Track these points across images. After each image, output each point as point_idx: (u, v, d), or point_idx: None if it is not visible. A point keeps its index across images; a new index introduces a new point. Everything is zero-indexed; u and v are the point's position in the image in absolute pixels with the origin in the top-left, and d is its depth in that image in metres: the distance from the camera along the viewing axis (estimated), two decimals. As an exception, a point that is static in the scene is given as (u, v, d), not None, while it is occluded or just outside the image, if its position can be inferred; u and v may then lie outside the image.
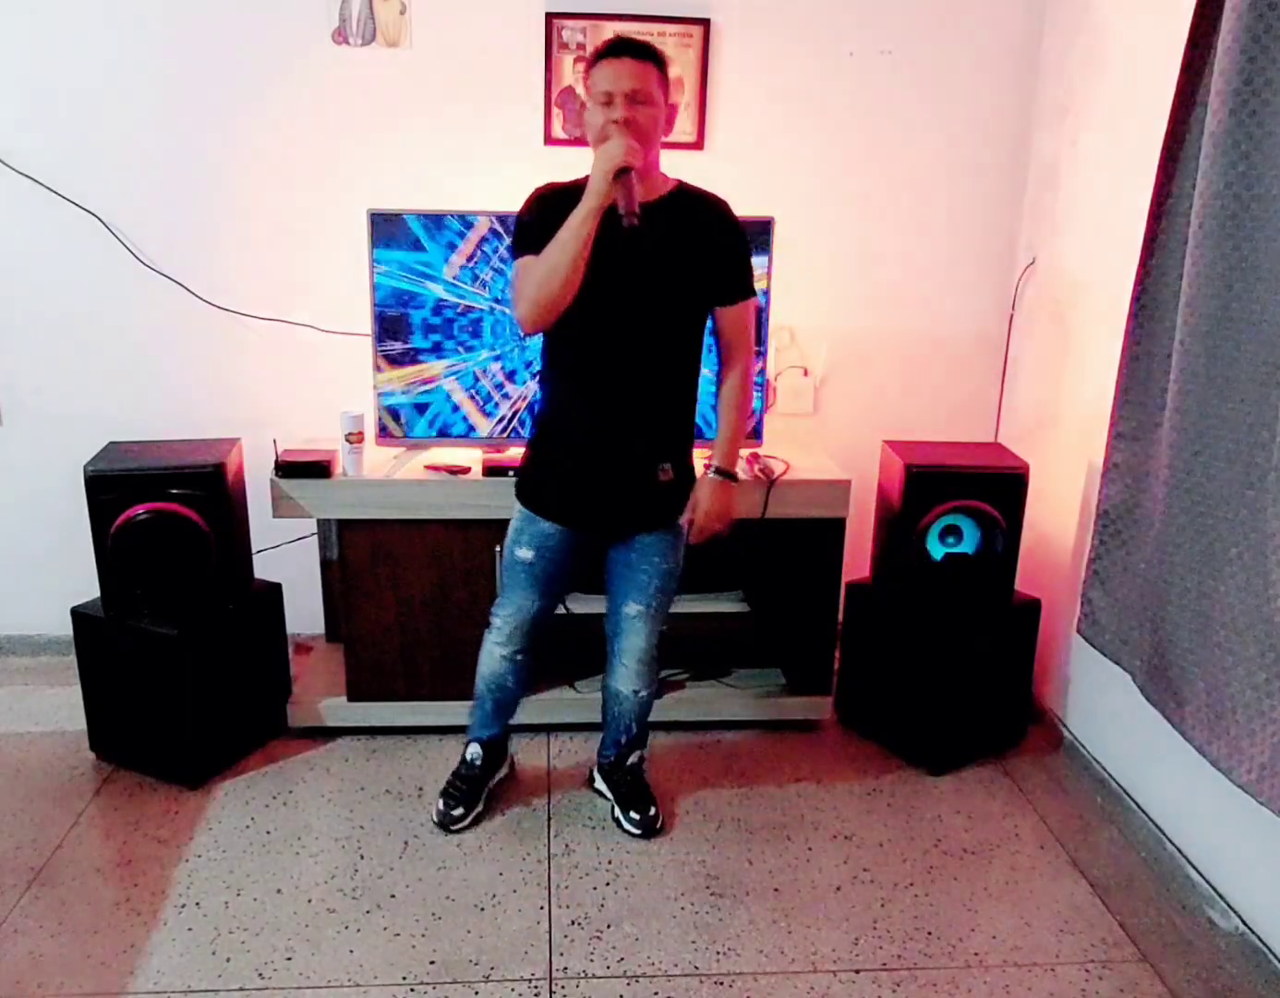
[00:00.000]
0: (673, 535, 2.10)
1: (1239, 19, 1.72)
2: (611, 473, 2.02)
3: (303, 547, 2.87)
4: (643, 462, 2.02)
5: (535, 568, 2.11)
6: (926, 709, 2.51)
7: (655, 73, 1.88)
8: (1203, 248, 1.82)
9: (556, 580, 2.15)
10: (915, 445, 2.60)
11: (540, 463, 2.09)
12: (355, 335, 2.75)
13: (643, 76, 1.86)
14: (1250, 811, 1.81)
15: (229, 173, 2.71)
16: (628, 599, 2.13)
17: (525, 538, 2.10)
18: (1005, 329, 2.97)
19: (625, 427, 2.00)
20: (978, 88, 2.80)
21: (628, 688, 2.20)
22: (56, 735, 2.60)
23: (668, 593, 2.15)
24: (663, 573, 2.11)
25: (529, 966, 1.89)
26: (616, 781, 2.33)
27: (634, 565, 2.10)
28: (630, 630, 2.15)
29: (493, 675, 2.23)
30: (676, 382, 2.04)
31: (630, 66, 1.85)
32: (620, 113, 1.84)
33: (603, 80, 1.86)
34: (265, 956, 1.89)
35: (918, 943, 1.97)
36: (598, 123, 1.86)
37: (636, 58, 1.86)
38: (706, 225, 1.97)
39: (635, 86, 1.85)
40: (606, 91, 1.85)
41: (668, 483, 2.04)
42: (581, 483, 2.04)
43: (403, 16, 2.64)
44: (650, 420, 2.02)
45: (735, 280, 2.00)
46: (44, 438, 2.83)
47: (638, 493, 2.04)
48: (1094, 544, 2.23)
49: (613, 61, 1.86)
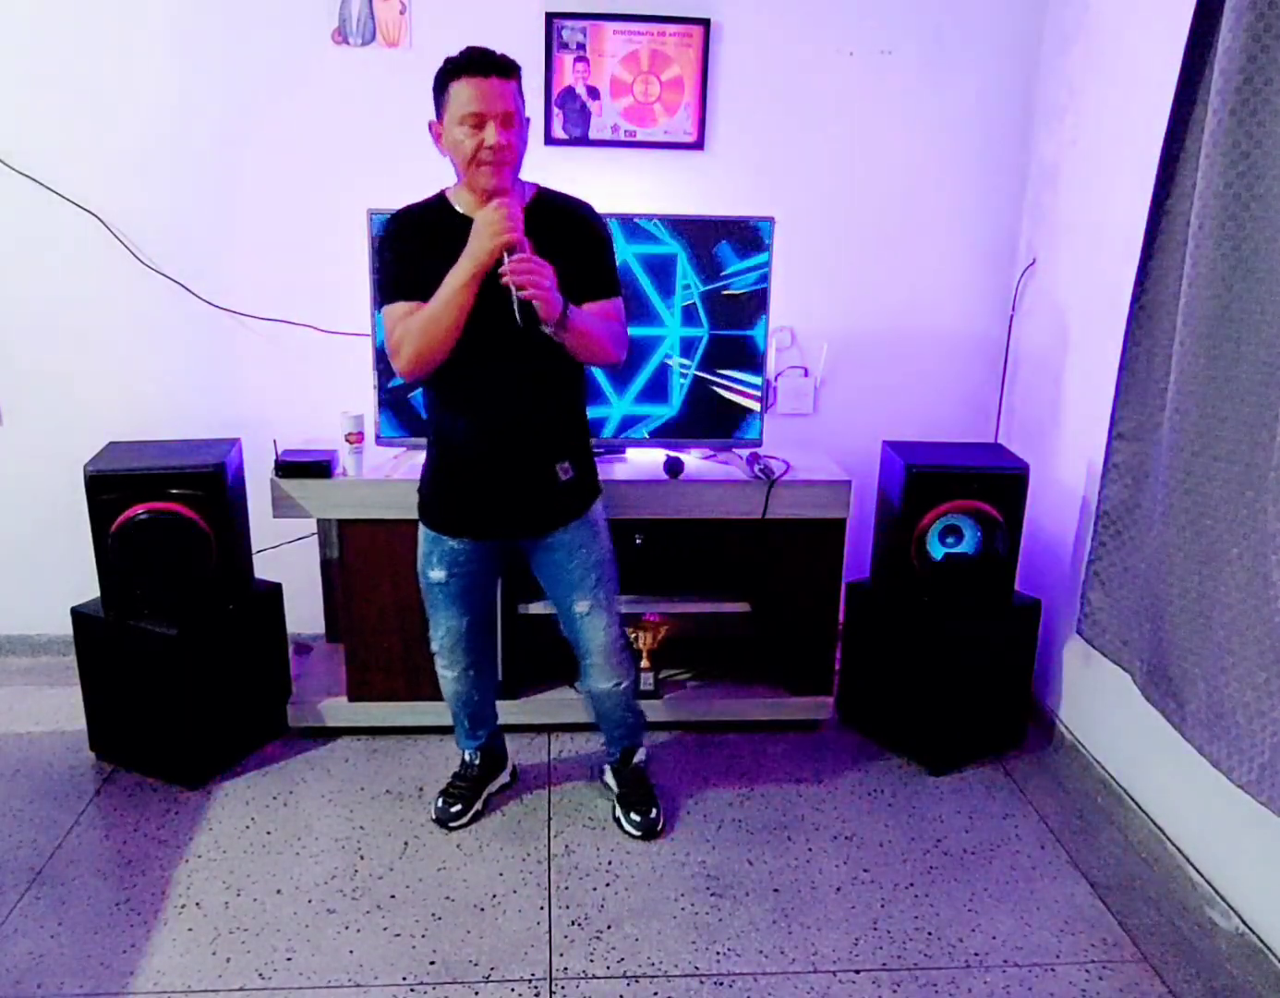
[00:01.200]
0: (590, 526, 2.08)
1: (1239, 19, 1.71)
2: (510, 479, 2.00)
3: (303, 547, 2.87)
4: (540, 464, 2.00)
5: (451, 587, 2.10)
6: (926, 709, 2.51)
7: (519, 88, 1.84)
8: (1203, 248, 1.82)
9: (475, 593, 2.14)
10: (915, 445, 2.60)
11: (438, 480, 2.06)
12: (355, 335, 2.75)
13: (512, 96, 1.81)
14: (1250, 811, 1.81)
15: (229, 173, 2.71)
16: (572, 599, 2.10)
17: (435, 559, 2.09)
18: (1005, 329, 2.97)
19: (518, 433, 1.97)
20: (978, 88, 2.80)
21: (607, 684, 2.19)
22: (56, 735, 2.60)
23: (609, 580, 2.12)
24: (594, 564, 2.08)
25: (529, 966, 1.89)
26: (621, 779, 2.34)
27: (561, 565, 2.08)
28: (587, 628, 2.12)
29: (454, 695, 2.25)
30: (562, 383, 2.01)
31: (498, 87, 1.78)
32: (495, 137, 1.78)
33: (470, 101, 1.77)
34: (265, 956, 1.89)
35: (918, 943, 1.97)
36: (468, 147, 1.79)
37: (503, 76, 1.79)
38: (569, 228, 1.93)
39: (507, 108, 1.79)
40: (477, 113, 1.77)
41: (568, 481, 2.03)
42: (482, 494, 2.02)
43: (403, 16, 2.64)
44: (542, 423, 1.99)
45: (597, 280, 1.95)
46: (44, 438, 2.83)
47: (539, 494, 2.02)
48: (1094, 544, 2.23)
49: (478, 80, 1.77)
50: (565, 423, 2.04)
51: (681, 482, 2.49)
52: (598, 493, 2.12)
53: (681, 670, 2.77)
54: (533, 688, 2.64)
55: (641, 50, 2.68)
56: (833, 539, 2.56)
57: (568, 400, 2.04)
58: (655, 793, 2.33)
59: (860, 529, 2.80)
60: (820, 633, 2.65)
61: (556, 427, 2.02)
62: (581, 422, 2.10)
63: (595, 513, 2.10)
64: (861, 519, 2.75)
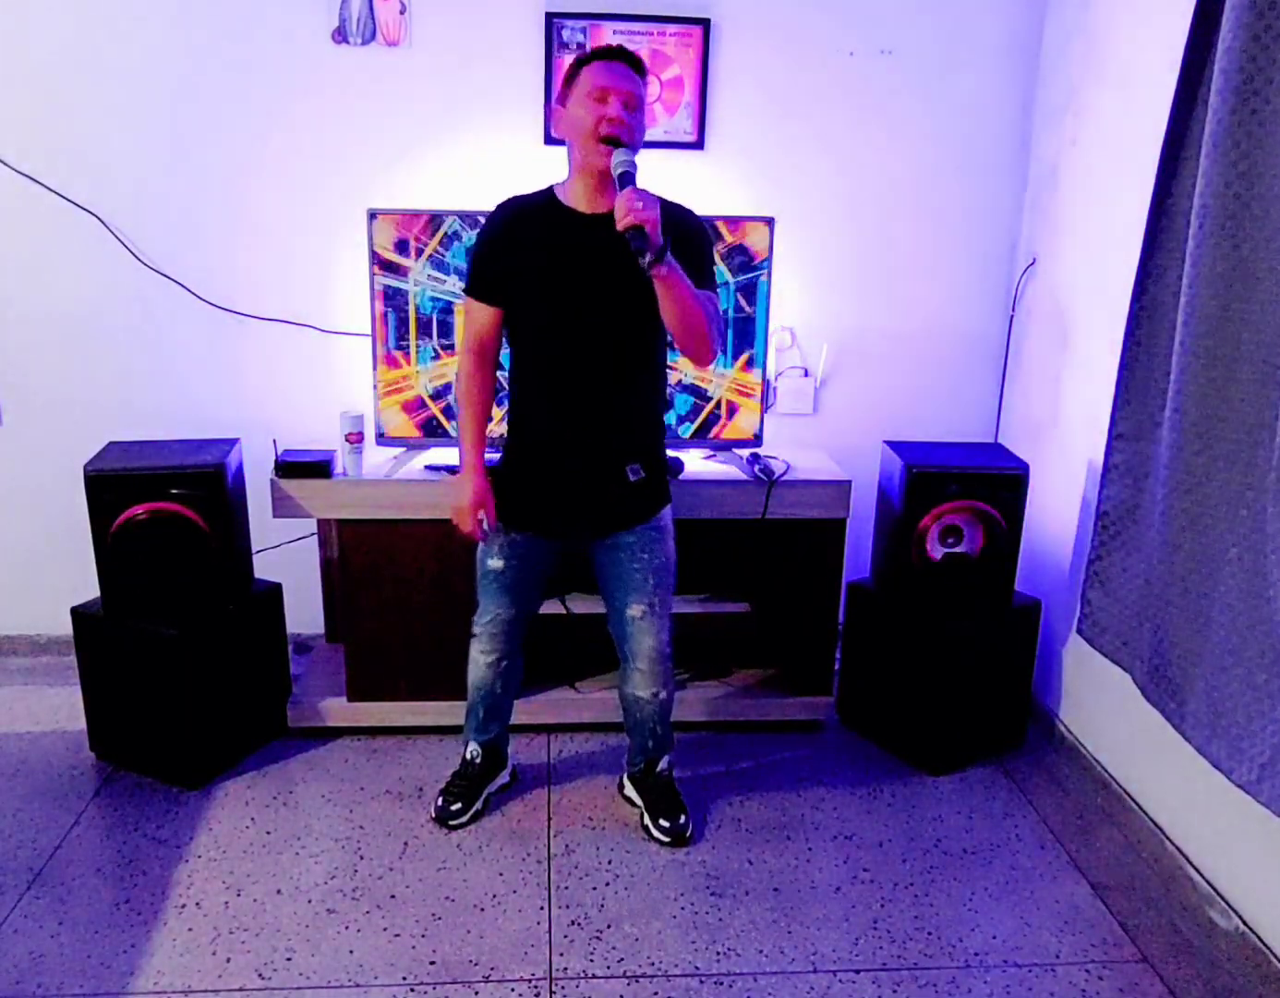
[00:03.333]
0: (655, 530, 2.09)
1: (1239, 19, 1.71)
2: (582, 478, 2.02)
3: (303, 547, 2.87)
4: (613, 465, 2.02)
5: (506, 577, 2.12)
6: (927, 709, 2.51)
7: (646, 86, 1.91)
8: (1203, 248, 1.82)
9: (529, 586, 2.16)
10: (915, 445, 2.60)
11: (509, 472, 2.09)
12: (355, 335, 2.75)
13: (640, 84, 1.88)
14: (1250, 811, 1.81)
15: (229, 173, 2.71)
16: (628, 601, 2.11)
17: (495, 548, 2.11)
18: (1005, 329, 2.97)
19: (593, 431, 1.99)
20: (978, 88, 2.80)
21: (646, 692, 2.17)
22: (56, 735, 2.60)
23: (666, 588, 2.13)
24: (655, 569, 2.09)
25: (529, 966, 1.89)
26: (646, 788, 2.31)
27: (623, 565, 2.09)
28: (637, 633, 2.12)
29: (480, 681, 2.24)
30: (641, 382, 2.03)
31: (628, 72, 1.86)
32: (617, 110, 1.82)
33: (599, 75, 1.84)
34: (265, 956, 1.89)
35: (918, 943, 1.97)
36: (590, 120, 1.83)
37: (633, 67, 1.88)
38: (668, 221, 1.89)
39: (634, 90, 1.85)
40: (603, 87, 1.83)
41: (638, 483, 2.04)
42: (551, 490, 2.04)
43: (403, 16, 2.64)
44: (618, 423, 2.01)
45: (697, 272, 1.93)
46: (44, 438, 2.83)
47: (609, 495, 2.03)
48: (1094, 544, 2.23)
49: (611, 63, 1.86)
50: (640, 423, 2.05)
51: (681, 482, 2.49)
52: (667, 499, 2.12)
53: (681, 670, 2.77)
54: (533, 688, 2.64)
55: (641, 50, 2.67)
56: (833, 539, 2.56)
57: (647, 399, 2.06)
58: (683, 800, 2.30)
59: (860, 529, 2.79)
60: (820, 633, 2.65)
61: (633, 425, 2.03)
62: (658, 425, 2.11)
63: (663, 519, 2.10)
64: (861, 519, 2.75)
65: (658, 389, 2.09)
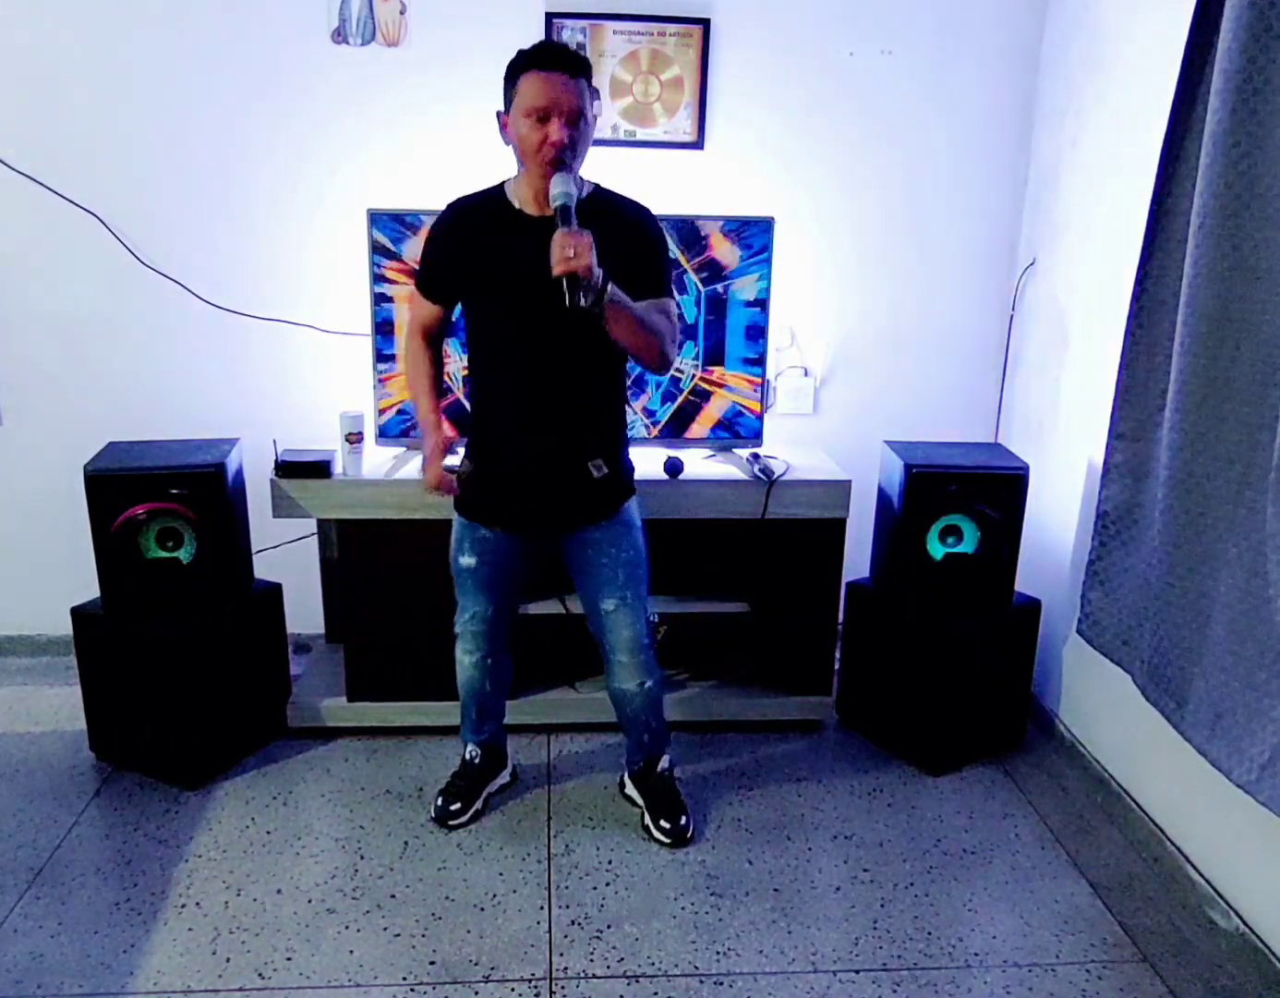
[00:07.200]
0: (622, 525, 2.08)
1: (1239, 19, 1.71)
2: (545, 475, 2.02)
3: (303, 547, 2.87)
4: (575, 461, 2.01)
5: (479, 573, 2.12)
6: (926, 709, 2.51)
7: (587, 85, 1.83)
8: (1203, 248, 1.82)
9: (504, 582, 2.16)
10: (915, 445, 2.60)
11: (473, 469, 2.07)
12: (355, 335, 2.75)
13: (579, 93, 1.80)
14: (1250, 811, 1.81)
15: (229, 173, 2.71)
16: (600, 596, 2.10)
17: (466, 545, 2.11)
18: (1005, 329, 2.97)
19: (555, 429, 1.99)
20: (978, 88, 2.80)
21: (632, 684, 2.17)
22: (56, 735, 2.60)
23: (639, 581, 2.12)
24: (624, 562, 2.08)
25: (529, 966, 1.89)
26: (647, 787, 2.31)
27: (592, 561, 2.08)
28: (614, 625, 2.12)
29: (468, 681, 2.25)
30: (602, 380, 2.02)
31: (565, 82, 1.78)
32: (559, 134, 1.78)
33: (536, 95, 1.78)
34: (265, 956, 1.89)
35: (918, 943, 1.97)
36: (532, 141, 1.80)
37: (571, 73, 1.79)
38: (622, 227, 1.92)
39: (573, 105, 1.79)
40: (542, 107, 1.78)
41: (602, 479, 2.03)
42: (515, 488, 2.04)
43: (402, 16, 2.64)
44: (580, 420, 2.00)
45: (648, 279, 1.92)
46: (44, 438, 2.83)
47: (572, 492, 2.03)
48: (1094, 544, 2.23)
49: (546, 74, 1.78)
50: (602, 420, 2.05)
51: (681, 482, 2.49)
52: (631, 493, 2.12)
53: (681, 670, 2.77)
54: (533, 688, 2.64)
55: (641, 50, 2.69)
56: (832, 539, 2.56)
57: (606, 397, 2.05)
58: (684, 800, 2.30)
59: (860, 529, 2.79)
60: (820, 633, 2.65)
61: (592, 423, 2.03)
62: (619, 421, 2.10)
63: (628, 512, 2.10)
64: (861, 519, 2.75)
65: (616, 385, 2.07)
